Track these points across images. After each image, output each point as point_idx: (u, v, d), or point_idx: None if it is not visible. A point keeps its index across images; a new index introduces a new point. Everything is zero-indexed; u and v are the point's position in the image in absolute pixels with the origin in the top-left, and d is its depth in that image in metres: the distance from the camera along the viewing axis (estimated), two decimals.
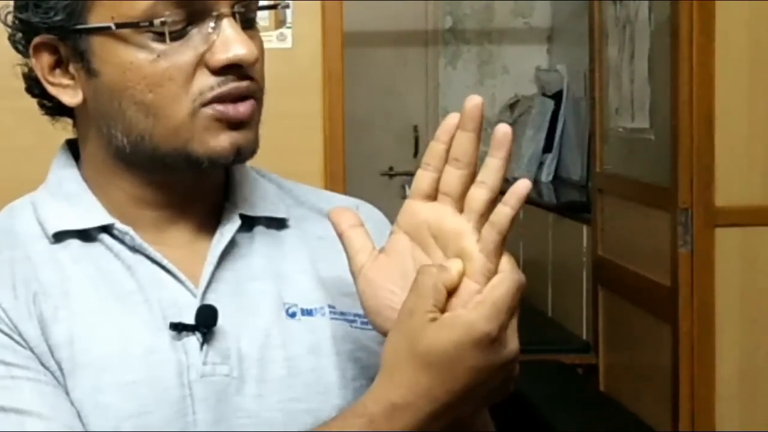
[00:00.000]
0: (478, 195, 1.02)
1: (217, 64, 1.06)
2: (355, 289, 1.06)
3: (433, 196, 1.04)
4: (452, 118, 1.02)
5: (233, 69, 1.07)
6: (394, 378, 0.98)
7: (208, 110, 1.07)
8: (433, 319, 0.97)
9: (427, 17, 6.03)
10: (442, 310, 0.98)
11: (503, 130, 1.01)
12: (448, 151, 1.02)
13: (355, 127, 4.26)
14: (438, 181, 1.03)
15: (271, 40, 2.50)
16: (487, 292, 0.98)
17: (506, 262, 1.01)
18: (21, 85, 1.17)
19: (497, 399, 1.03)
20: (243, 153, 1.10)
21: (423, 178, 1.04)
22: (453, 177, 1.02)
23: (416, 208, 1.04)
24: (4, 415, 1.03)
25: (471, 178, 1.02)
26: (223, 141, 1.08)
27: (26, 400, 1.04)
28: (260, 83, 1.11)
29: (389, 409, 0.98)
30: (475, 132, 1.01)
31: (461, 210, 1.03)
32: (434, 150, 1.03)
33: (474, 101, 1.01)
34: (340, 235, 1.07)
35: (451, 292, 0.99)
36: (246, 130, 1.09)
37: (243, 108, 1.08)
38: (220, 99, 1.07)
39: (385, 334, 1.03)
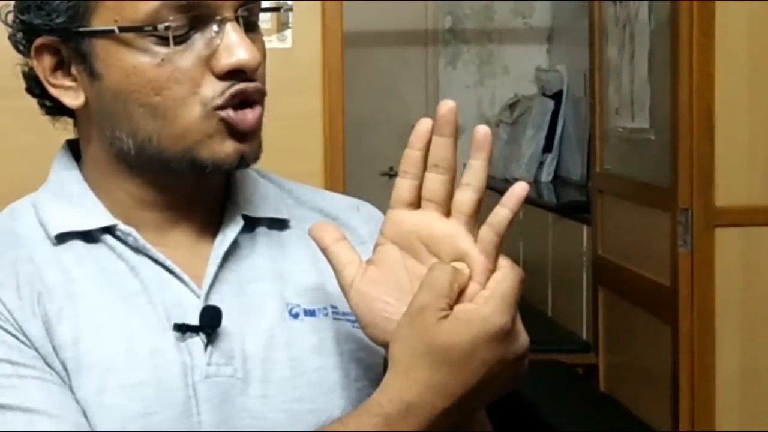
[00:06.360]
0: (466, 197, 1.02)
1: (221, 69, 1.06)
2: (348, 304, 1.06)
3: (416, 203, 1.04)
4: (424, 124, 1.03)
5: (237, 73, 1.07)
6: (408, 376, 0.98)
7: (221, 114, 1.07)
8: (445, 317, 0.97)
9: (427, 17, 6.03)
10: (451, 308, 0.98)
11: (482, 131, 1.01)
12: (423, 157, 1.02)
13: (355, 127, 4.27)
14: (418, 188, 1.03)
15: (271, 40, 2.50)
16: (493, 287, 0.99)
17: (504, 259, 1.01)
18: (21, 84, 1.17)
19: (504, 393, 1.03)
20: (247, 160, 1.10)
21: (403, 187, 1.04)
22: (435, 183, 1.03)
23: (401, 218, 1.04)
24: (12, 414, 1.03)
25: (452, 183, 1.03)
26: (228, 148, 1.08)
27: (34, 399, 1.04)
28: (263, 87, 1.11)
29: (405, 407, 0.98)
30: (452, 136, 1.01)
31: (447, 214, 1.03)
32: (411, 157, 1.03)
33: (447, 106, 1.01)
34: (324, 251, 1.07)
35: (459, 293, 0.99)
36: (251, 140, 1.10)
37: (251, 116, 1.08)
38: (229, 104, 1.07)
39: (382, 344, 1.03)
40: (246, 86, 1.07)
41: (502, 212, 1.00)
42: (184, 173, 1.10)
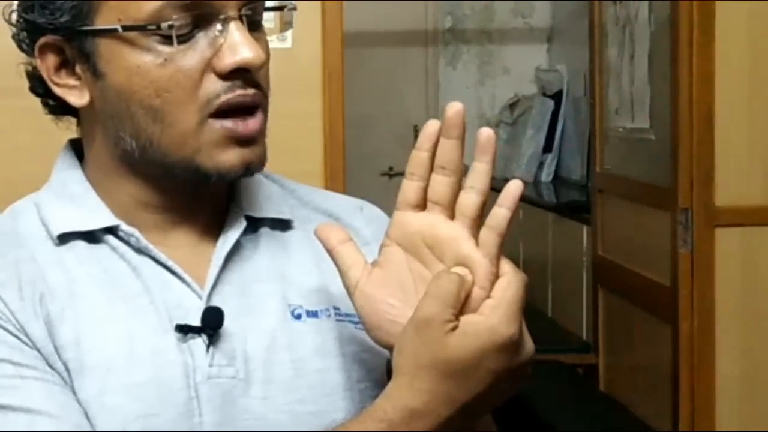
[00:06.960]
0: (470, 200, 1.02)
1: (224, 68, 1.06)
2: (353, 305, 1.05)
3: (422, 205, 1.03)
4: (432, 126, 1.02)
5: (240, 73, 1.07)
6: (414, 385, 0.98)
7: (216, 125, 1.07)
8: (454, 328, 0.97)
9: (427, 17, 6.03)
10: (457, 317, 0.98)
11: (486, 134, 1.01)
12: (430, 158, 1.02)
13: (355, 127, 4.26)
14: (424, 189, 1.03)
15: (271, 40, 2.49)
16: (499, 296, 0.98)
17: (507, 263, 1.01)
18: (21, 84, 1.17)
19: (506, 398, 1.03)
20: (252, 168, 1.10)
21: (410, 188, 1.03)
22: (441, 185, 1.02)
23: (407, 219, 1.04)
24: (14, 414, 1.03)
25: (458, 185, 1.02)
26: (232, 158, 1.08)
27: (36, 399, 1.04)
28: (266, 88, 1.11)
29: (408, 414, 0.98)
30: (459, 139, 1.01)
31: (452, 217, 1.02)
32: (418, 159, 1.03)
33: (455, 108, 1.01)
34: (329, 251, 1.06)
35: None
36: (255, 146, 1.09)
37: (252, 124, 1.08)
38: (228, 110, 1.07)
39: (386, 346, 1.03)
40: (244, 96, 1.07)
41: (501, 212, 1.00)
42: (189, 180, 1.10)
